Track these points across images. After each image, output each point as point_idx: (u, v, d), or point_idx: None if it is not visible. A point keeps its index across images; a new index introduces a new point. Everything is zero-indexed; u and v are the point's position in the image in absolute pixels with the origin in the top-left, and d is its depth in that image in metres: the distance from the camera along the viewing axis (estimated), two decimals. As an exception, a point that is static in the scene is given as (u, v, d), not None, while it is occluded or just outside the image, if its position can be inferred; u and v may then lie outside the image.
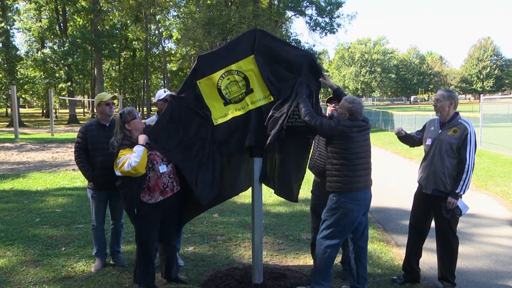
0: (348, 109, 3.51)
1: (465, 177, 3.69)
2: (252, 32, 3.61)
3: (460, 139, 3.70)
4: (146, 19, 39.06)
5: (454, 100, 3.81)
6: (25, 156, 13.77)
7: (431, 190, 3.85)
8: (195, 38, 30.33)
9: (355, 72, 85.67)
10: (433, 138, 3.88)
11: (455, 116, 3.83)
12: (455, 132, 3.73)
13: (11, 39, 32.59)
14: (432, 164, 3.84)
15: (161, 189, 3.66)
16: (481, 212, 6.67)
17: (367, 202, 3.60)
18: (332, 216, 3.50)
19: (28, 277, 4.19)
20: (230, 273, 4.18)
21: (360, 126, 3.50)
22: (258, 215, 3.81)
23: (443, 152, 3.76)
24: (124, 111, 3.72)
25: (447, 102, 3.80)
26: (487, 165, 10.99)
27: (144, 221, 3.68)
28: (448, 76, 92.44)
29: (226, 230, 5.75)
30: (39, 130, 27.41)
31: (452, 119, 3.82)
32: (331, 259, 3.53)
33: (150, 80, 51.52)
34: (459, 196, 3.73)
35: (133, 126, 3.68)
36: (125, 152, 3.53)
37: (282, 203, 7.27)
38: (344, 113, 3.52)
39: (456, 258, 3.89)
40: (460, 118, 3.81)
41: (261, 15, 31.01)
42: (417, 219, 4.07)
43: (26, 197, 7.68)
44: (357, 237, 3.65)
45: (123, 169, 3.44)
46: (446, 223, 3.82)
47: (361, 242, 3.65)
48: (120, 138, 3.65)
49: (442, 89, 3.99)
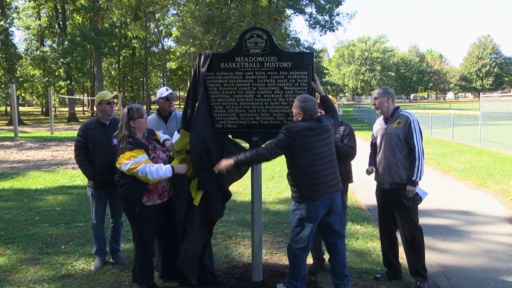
0: (301, 109, 3.43)
1: (417, 164, 3.81)
2: None
3: (405, 129, 3.86)
4: (146, 17, 38.99)
5: (390, 95, 4.00)
6: (24, 155, 13.77)
7: (389, 184, 3.94)
8: (194, 36, 30.28)
9: (355, 70, 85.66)
10: (381, 134, 4.03)
11: (396, 110, 4.00)
12: (399, 123, 3.90)
13: (10, 37, 32.52)
14: (385, 159, 3.96)
15: (159, 192, 3.68)
16: (480, 210, 6.68)
17: (330, 206, 3.50)
18: (294, 218, 3.50)
19: (28, 276, 4.19)
20: (229, 271, 4.19)
21: (313, 129, 3.40)
22: (258, 213, 3.82)
23: (392, 144, 3.90)
24: (133, 107, 3.63)
25: (385, 97, 3.99)
26: (486, 163, 11.01)
27: (142, 222, 3.68)
28: (448, 74, 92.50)
29: (225, 228, 5.75)
30: (39, 129, 27.40)
31: (394, 113, 3.99)
32: (299, 260, 3.51)
33: (150, 78, 51.48)
34: (416, 183, 3.83)
35: (138, 124, 3.61)
36: (136, 154, 3.46)
37: (282, 201, 7.27)
38: (299, 113, 3.45)
39: (423, 250, 3.94)
40: (402, 111, 4.00)
41: (260, 13, 30.98)
42: (382, 216, 4.17)
43: (26, 196, 7.69)
44: (327, 234, 3.63)
45: (135, 172, 3.42)
46: (406, 216, 3.88)
47: (330, 239, 3.61)
48: (126, 135, 3.57)
49: (378, 88, 4.21)
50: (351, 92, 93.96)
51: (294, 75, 3.72)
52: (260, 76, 3.74)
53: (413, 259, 3.93)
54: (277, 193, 7.89)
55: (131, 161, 3.44)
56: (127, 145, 3.53)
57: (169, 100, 4.34)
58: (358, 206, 7.03)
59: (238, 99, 3.77)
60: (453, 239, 5.36)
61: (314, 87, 3.73)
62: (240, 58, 3.74)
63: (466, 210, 6.68)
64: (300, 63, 3.71)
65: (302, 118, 3.45)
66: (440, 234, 5.50)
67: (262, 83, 3.74)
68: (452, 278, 4.19)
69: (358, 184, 8.40)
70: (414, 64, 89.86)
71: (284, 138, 3.37)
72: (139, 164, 3.43)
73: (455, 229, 5.75)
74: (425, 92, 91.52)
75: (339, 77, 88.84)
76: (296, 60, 3.72)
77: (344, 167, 4.13)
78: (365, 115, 35.34)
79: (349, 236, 5.36)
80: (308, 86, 3.71)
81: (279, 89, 3.73)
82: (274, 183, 8.89)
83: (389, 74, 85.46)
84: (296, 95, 3.68)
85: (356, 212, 6.60)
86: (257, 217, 3.81)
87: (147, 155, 3.54)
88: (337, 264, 3.61)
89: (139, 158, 3.45)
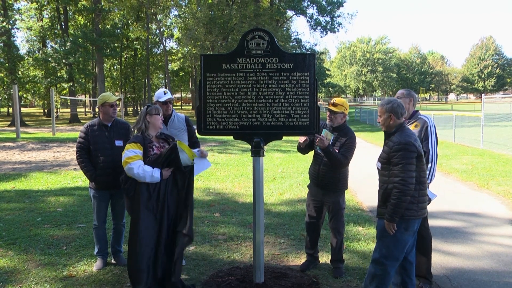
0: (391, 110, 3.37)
1: (430, 166, 3.82)
2: None
3: (422, 132, 3.88)
4: (147, 18, 39.10)
5: (413, 98, 4.04)
6: (26, 156, 13.79)
7: None
8: (196, 37, 30.37)
9: (357, 72, 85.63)
10: None
11: (415, 113, 4.04)
12: (416, 126, 3.93)
13: (12, 38, 32.62)
14: None
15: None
16: (482, 212, 6.66)
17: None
18: (400, 237, 3.35)
19: (30, 277, 4.19)
20: (231, 273, 4.18)
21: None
22: (260, 214, 3.81)
23: None
24: (151, 105, 3.87)
25: (407, 99, 3.99)
26: (488, 165, 10.98)
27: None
28: (450, 76, 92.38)
29: (227, 229, 5.75)
30: (41, 130, 27.45)
31: (413, 115, 4.02)
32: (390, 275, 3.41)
33: (151, 79, 51.59)
34: (427, 185, 3.80)
35: (152, 120, 3.75)
36: (134, 147, 3.64)
37: (284, 203, 7.27)
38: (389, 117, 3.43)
39: (430, 251, 3.96)
40: (420, 114, 4.04)
41: (262, 14, 31.06)
42: None
43: (28, 197, 7.70)
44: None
45: (127, 166, 3.55)
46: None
47: (412, 257, 3.55)
48: (141, 128, 3.76)
49: (402, 89, 4.21)
50: (353, 93, 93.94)
51: (296, 76, 3.71)
52: (261, 77, 3.74)
53: (419, 259, 3.90)
54: (279, 195, 7.89)
55: (124, 156, 3.61)
56: (135, 137, 3.77)
57: (166, 104, 4.34)
58: (359, 208, 7.02)
59: (239, 100, 3.77)
60: (455, 240, 5.34)
61: (320, 145, 3.96)
62: (242, 59, 3.74)
63: (468, 212, 6.66)
64: (302, 64, 3.71)
65: (393, 121, 3.35)
66: (442, 236, 5.49)
67: (264, 84, 3.74)
68: (454, 280, 4.18)
69: (359, 186, 8.40)
70: (415, 65, 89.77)
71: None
72: (132, 159, 3.55)
73: (457, 231, 5.73)
74: (426, 93, 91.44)
75: (340, 78, 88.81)
76: (298, 61, 3.72)
77: (343, 173, 4.22)
78: (366, 116, 35.34)
79: (350, 238, 5.35)
80: (310, 87, 3.71)
81: (281, 90, 3.73)
82: (276, 184, 8.88)
83: (391, 75, 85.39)
84: (298, 96, 3.69)
85: (358, 214, 6.58)
86: (258, 218, 3.80)
87: (145, 151, 3.67)
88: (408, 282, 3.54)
89: (127, 153, 3.61)
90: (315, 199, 4.34)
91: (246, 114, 3.77)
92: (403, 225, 3.26)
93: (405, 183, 3.13)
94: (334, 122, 4.22)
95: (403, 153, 3.17)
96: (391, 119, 3.33)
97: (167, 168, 3.65)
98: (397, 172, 3.18)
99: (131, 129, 4.49)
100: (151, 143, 3.75)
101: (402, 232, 3.28)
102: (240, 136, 3.87)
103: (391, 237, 3.28)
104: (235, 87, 3.76)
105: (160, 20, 39.70)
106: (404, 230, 3.28)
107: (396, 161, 3.19)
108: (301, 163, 11.37)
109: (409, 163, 3.16)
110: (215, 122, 3.82)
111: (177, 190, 3.74)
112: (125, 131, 4.44)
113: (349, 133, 4.23)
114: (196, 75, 47.45)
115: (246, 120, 3.78)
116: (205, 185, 8.77)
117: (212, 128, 3.85)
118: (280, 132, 3.79)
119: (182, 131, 4.52)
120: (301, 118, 3.71)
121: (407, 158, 3.16)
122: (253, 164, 3.82)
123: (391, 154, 3.24)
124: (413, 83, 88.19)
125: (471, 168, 10.58)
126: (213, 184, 8.90)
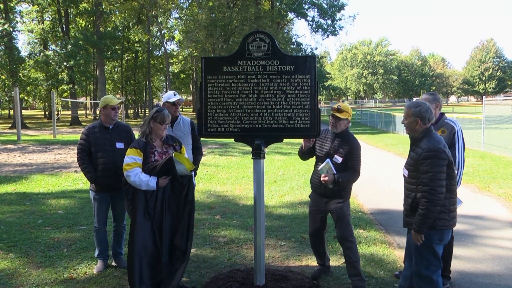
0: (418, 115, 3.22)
1: (457, 172, 3.78)
2: None
3: (449, 138, 3.81)
4: (148, 21, 39.16)
5: (439, 103, 3.95)
6: (27, 158, 13.80)
7: None
8: (197, 40, 30.40)
9: (358, 74, 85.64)
10: None
11: (441, 117, 3.95)
12: (443, 132, 3.85)
13: (14, 41, 32.69)
14: None
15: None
16: (483, 214, 6.65)
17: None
18: (433, 247, 3.23)
19: (30, 279, 4.19)
20: (232, 275, 4.18)
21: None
22: (260, 216, 3.81)
23: None
24: (161, 111, 3.75)
25: (433, 105, 3.87)
26: (489, 167, 10.97)
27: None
28: (450, 78, 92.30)
29: (228, 232, 5.75)
30: (42, 132, 27.46)
31: (439, 120, 3.93)
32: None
33: (152, 82, 51.65)
34: None
35: (155, 127, 3.74)
36: (134, 153, 3.65)
37: (285, 205, 7.26)
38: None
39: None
40: (447, 118, 3.95)
41: (263, 17, 31.08)
42: None
43: (29, 199, 7.70)
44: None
45: (125, 173, 3.60)
46: None
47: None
48: (145, 132, 3.75)
49: (426, 93, 4.09)
50: (354, 96, 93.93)
51: (296, 78, 3.71)
52: (262, 80, 3.74)
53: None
54: (279, 197, 7.88)
55: (124, 161, 3.65)
56: (137, 141, 3.78)
57: (175, 105, 4.35)
58: (360, 210, 7.00)
59: (240, 103, 3.77)
60: (457, 243, 5.30)
61: (324, 181, 3.84)
62: (243, 62, 3.74)
63: (469, 214, 6.64)
64: (303, 66, 3.71)
65: (419, 125, 3.21)
66: (443, 238, 5.47)
67: (265, 87, 3.74)
68: (455, 283, 4.17)
69: (360, 188, 8.39)
70: (416, 67, 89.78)
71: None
72: (130, 166, 3.59)
73: (458, 233, 5.71)
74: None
75: (341, 80, 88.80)
76: (299, 63, 3.72)
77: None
78: (367, 119, 35.34)
79: (351, 240, 5.34)
80: (311, 89, 3.71)
81: (282, 93, 3.73)
82: (276, 186, 8.88)
83: (392, 77, 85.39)
84: (299, 98, 3.69)
85: (359, 216, 6.57)
86: (259, 221, 3.80)
87: (146, 157, 3.69)
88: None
89: (127, 159, 3.64)
90: (318, 208, 4.16)
91: (246, 116, 3.78)
92: (437, 236, 3.15)
93: (434, 193, 2.99)
94: (337, 129, 3.97)
95: (433, 160, 3.01)
96: (417, 124, 3.17)
97: (165, 176, 3.66)
98: (426, 181, 3.03)
99: (132, 132, 4.50)
100: (153, 149, 3.75)
101: (437, 244, 3.18)
102: (240, 139, 3.87)
103: (428, 249, 3.17)
104: (236, 89, 3.77)
105: (161, 22, 39.76)
106: (438, 241, 3.17)
107: (426, 169, 3.03)
108: (301, 166, 11.37)
109: (439, 171, 3.01)
110: (216, 124, 3.82)
111: (175, 198, 3.77)
112: (126, 134, 4.45)
113: (352, 141, 3.97)
114: (197, 77, 47.54)
115: (246, 123, 3.78)
116: (206, 188, 8.77)
117: (213, 131, 3.85)
118: (281, 135, 3.79)
119: (187, 134, 4.57)
120: (302, 121, 3.72)
121: (437, 166, 3.01)
122: (253, 166, 3.82)
123: (419, 161, 3.08)
124: (414, 85, 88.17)
125: (472, 170, 10.57)
126: (214, 187, 8.90)
